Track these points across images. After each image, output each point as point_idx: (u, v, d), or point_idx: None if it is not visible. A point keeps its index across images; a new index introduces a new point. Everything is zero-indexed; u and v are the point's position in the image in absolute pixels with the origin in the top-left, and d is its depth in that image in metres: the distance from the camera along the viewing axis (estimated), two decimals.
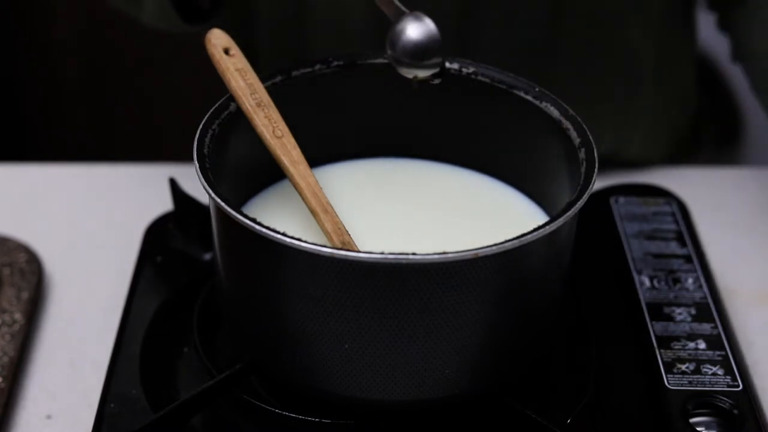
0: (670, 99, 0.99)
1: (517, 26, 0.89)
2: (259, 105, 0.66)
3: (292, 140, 0.66)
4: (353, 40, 0.90)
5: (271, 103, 0.67)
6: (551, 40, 0.90)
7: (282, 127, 0.66)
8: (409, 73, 0.64)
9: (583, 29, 0.90)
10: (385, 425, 0.64)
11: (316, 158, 0.74)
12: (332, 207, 0.65)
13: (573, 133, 0.66)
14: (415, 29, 0.63)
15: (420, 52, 0.63)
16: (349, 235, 0.64)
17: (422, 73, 0.64)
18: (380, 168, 0.75)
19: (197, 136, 0.64)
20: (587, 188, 0.61)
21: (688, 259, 0.78)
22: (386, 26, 0.64)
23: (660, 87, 0.96)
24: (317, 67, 0.71)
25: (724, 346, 0.70)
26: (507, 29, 0.89)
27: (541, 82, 0.70)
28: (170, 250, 0.79)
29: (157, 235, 0.81)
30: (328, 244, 0.63)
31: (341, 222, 0.64)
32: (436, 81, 0.66)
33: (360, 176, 0.74)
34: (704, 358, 0.69)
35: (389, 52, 0.64)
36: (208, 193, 0.60)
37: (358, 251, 0.61)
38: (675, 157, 1.01)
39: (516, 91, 0.69)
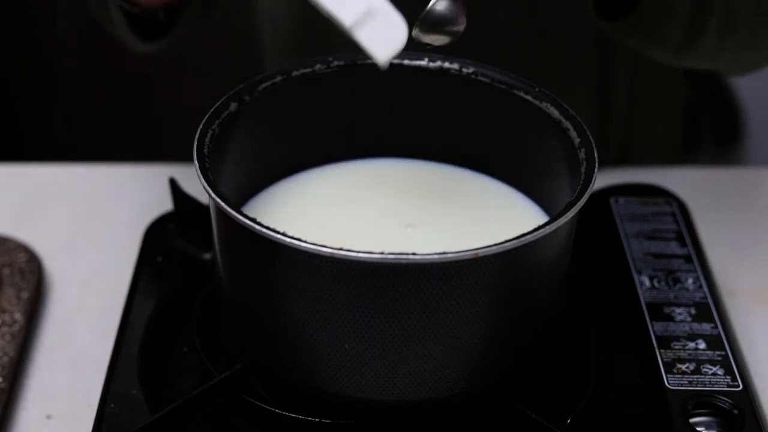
0: (670, 99, 0.99)
1: (497, 25, 0.88)
2: None
3: None
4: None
5: None
6: (534, 39, 0.89)
7: None
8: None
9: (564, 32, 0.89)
10: (385, 425, 0.64)
11: (315, 158, 0.74)
12: None
13: (573, 133, 0.66)
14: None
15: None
16: None
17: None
18: (380, 168, 0.75)
19: (197, 136, 0.64)
20: (587, 188, 0.61)
21: (688, 259, 0.78)
22: None
23: (660, 87, 0.96)
24: (317, 67, 0.71)
25: (724, 346, 0.70)
26: (489, 27, 0.88)
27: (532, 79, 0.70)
28: (170, 250, 0.79)
29: (157, 235, 0.81)
30: (328, 244, 0.63)
31: None
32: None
33: (360, 176, 0.74)
34: (704, 358, 0.69)
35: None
36: (208, 193, 0.60)
37: (359, 251, 0.61)
38: (675, 157, 1.01)
39: (516, 91, 0.69)
